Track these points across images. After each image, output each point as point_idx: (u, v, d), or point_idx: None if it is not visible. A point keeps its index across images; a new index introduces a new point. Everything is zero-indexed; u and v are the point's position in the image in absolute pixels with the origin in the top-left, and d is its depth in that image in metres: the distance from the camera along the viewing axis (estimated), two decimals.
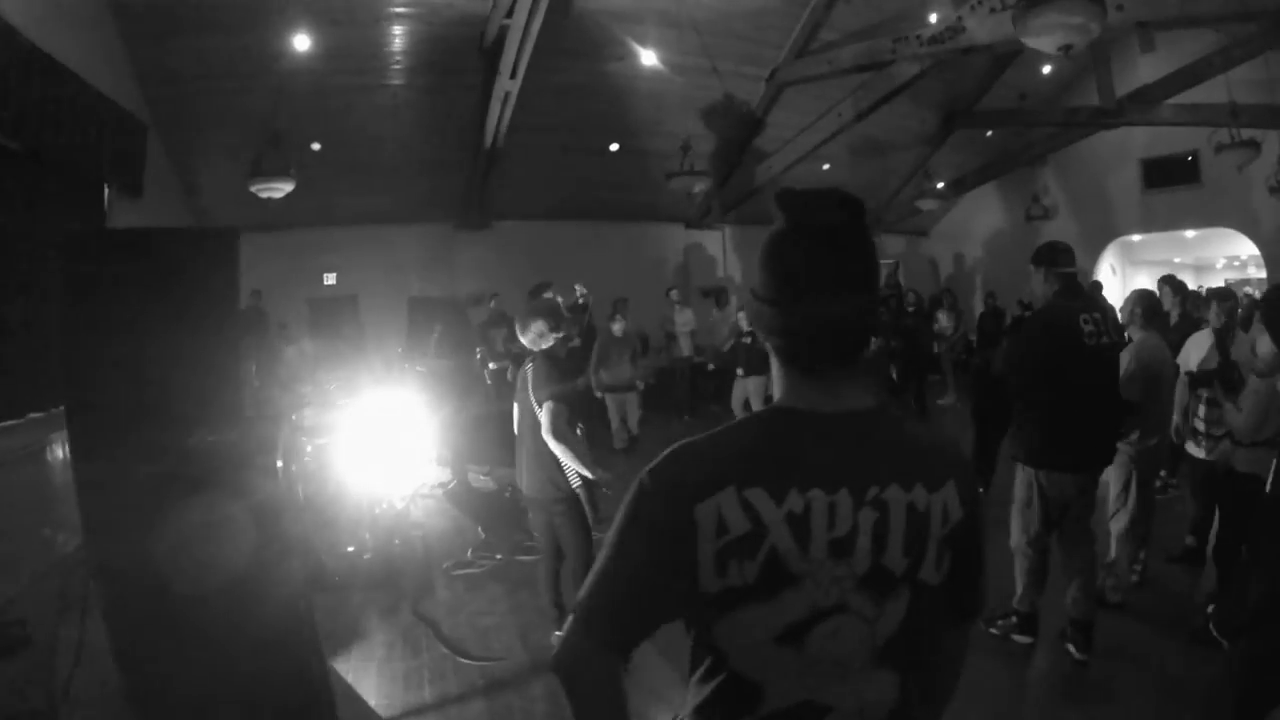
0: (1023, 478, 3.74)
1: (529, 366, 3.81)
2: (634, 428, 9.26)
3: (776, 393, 1.18)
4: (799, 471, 1.07)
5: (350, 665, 3.98)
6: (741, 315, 11.44)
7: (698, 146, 10.08)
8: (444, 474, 7.79)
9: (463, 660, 3.98)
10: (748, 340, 8.98)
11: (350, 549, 5.40)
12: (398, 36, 8.13)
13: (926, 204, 12.14)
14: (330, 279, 10.97)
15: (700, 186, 9.73)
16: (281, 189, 7.77)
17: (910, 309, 11.70)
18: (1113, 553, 4.33)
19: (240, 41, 7.57)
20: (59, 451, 4.92)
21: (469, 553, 5.62)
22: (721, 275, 13.01)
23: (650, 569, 1.09)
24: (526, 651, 4.07)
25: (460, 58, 8.27)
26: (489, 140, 9.01)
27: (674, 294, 10.76)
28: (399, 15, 7.87)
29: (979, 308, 12.65)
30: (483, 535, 6.02)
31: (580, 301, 8.64)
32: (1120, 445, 4.01)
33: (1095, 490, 3.81)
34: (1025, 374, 3.78)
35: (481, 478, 7.94)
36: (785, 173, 10.81)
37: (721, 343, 11.44)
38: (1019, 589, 3.87)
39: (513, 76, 7.83)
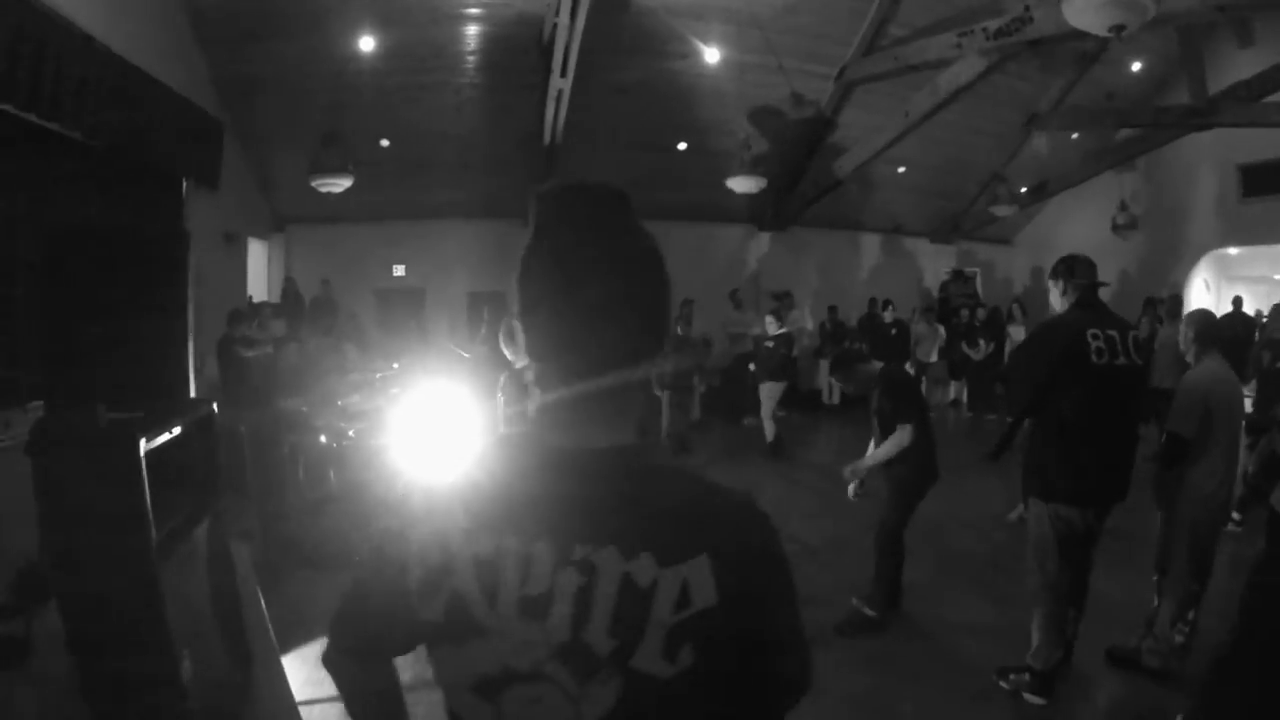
0: (1035, 511, 3.51)
1: None
2: (685, 431, 9.34)
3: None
4: (497, 511, 0.92)
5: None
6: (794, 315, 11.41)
7: (760, 146, 10.02)
8: None
9: None
10: (769, 345, 8.99)
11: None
12: (459, 36, 8.43)
13: (1002, 210, 11.55)
14: (399, 271, 11.51)
15: (759, 186, 9.57)
16: (340, 184, 8.19)
17: (978, 324, 11.33)
18: (1156, 604, 3.73)
19: (308, 44, 8.04)
20: None
21: None
22: (793, 280, 12.79)
23: (378, 586, 1.01)
24: None
25: (519, 56, 8.51)
26: (547, 138, 9.20)
27: (737, 295, 10.70)
28: (460, 16, 8.18)
29: None
30: None
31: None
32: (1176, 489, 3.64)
33: (1098, 530, 3.51)
34: (1025, 394, 3.62)
35: None
36: (856, 173, 10.59)
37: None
38: (1034, 640, 3.50)
39: (563, 75, 8.00)
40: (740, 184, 9.53)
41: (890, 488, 4.39)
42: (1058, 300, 3.59)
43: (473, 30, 8.39)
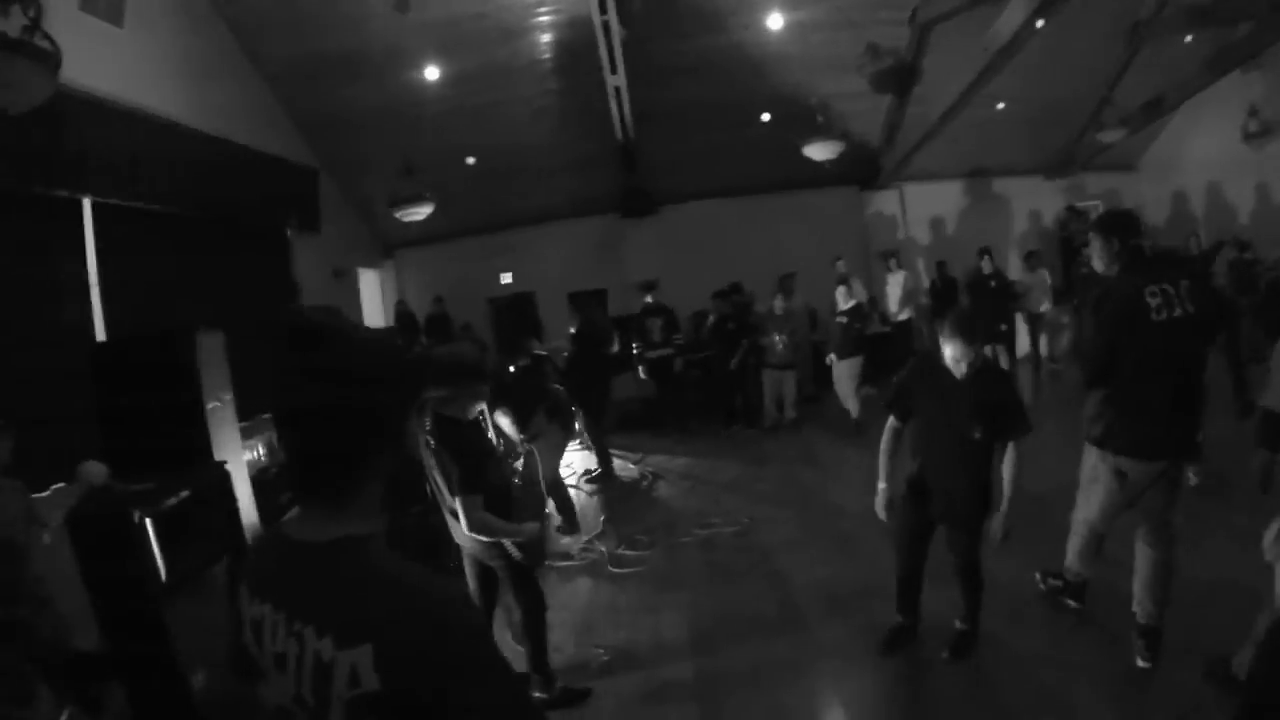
0: (1090, 458, 3.69)
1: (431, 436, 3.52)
2: (790, 410, 9.35)
3: None
4: (262, 581, 1.20)
5: None
6: (903, 278, 11.03)
7: (838, 105, 9.81)
8: (590, 461, 8.36)
9: None
10: (842, 320, 8.79)
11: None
12: (520, 50, 8.80)
13: (1109, 135, 10.46)
14: (506, 278, 12.17)
15: (836, 150, 9.37)
16: (421, 212, 8.84)
17: (1084, 269, 10.43)
18: (1260, 617, 2.98)
19: (381, 81, 8.71)
20: None
21: (575, 545, 6.06)
22: (901, 236, 12.42)
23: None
24: (564, 652, 4.30)
25: (580, 58, 8.75)
26: (619, 134, 9.45)
27: (840, 264, 10.52)
28: (517, 31, 8.53)
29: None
30: (599, 528, 6.46)
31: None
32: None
33: (1175, 487, 3.47)
34: (1094, 352, 3.52)
35: (630, 466, 8.44)
36: (953, 117, 10.11)
37: (899, 309, 11.10)
38: (1068, 556, 3.97)
39: (614, 71, 8.18)
40: (817, 150, 9.35)
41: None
42: (1104, 258, 3.53)
43: (532, 42, 8.74)
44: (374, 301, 11.41)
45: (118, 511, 3.15)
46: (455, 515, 3.39)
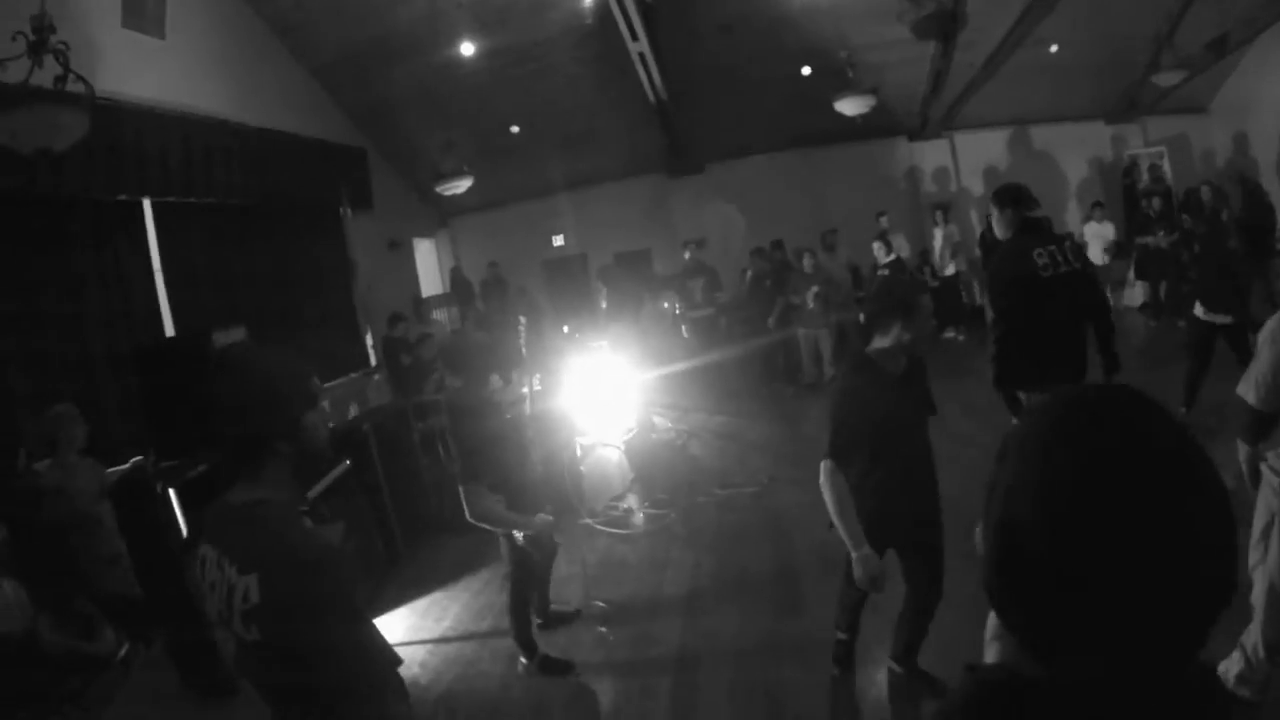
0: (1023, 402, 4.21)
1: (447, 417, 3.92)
2: (829, 367, 9.52)
3: None
4: (207, 530, 1.75)
5: (444, 592, 5.32)
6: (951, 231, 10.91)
7: (879, 55, 9.74)
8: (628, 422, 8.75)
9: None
10: (885, 275, 8.85)
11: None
12: (549, 22, 9.08)
13: (1167, 78, 9.91)
14: (558, 240, 12.74)
15: (869, 105, 9.36)
16: (462, 185, 9.33)
17: (1153, 212, 10.09)
18: (1253, 626, 2.84)
19: (421, 60, 9.18)
20: None
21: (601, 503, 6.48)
22: (954, 188, 12.21)
23: None
24: (569, 604, 4.74)
25: (606, 25, 8.89)
26: (651, 98, 9.71)
27: (883, 220, 10.56)
28: (544, 3, 8.83)
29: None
30: (627, 487, 6.90)
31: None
32: (1262, 468, 2.84)
33: None
34: (997, 306, 4.25)
35: (664, 424, 8.80)
36: (1004, 63, 9.94)
37: (944, 263, 11.08)
38: None
39: (635, 39, 8.45)
40: (849, 105, 9.36)
41: None
42: (1001, 225, 4.23)
43: (562, 11, 8.99)
44: (430, 269, 12.06)
45: (144, 483, 4.03)
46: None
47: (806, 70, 10.44)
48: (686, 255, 10.48)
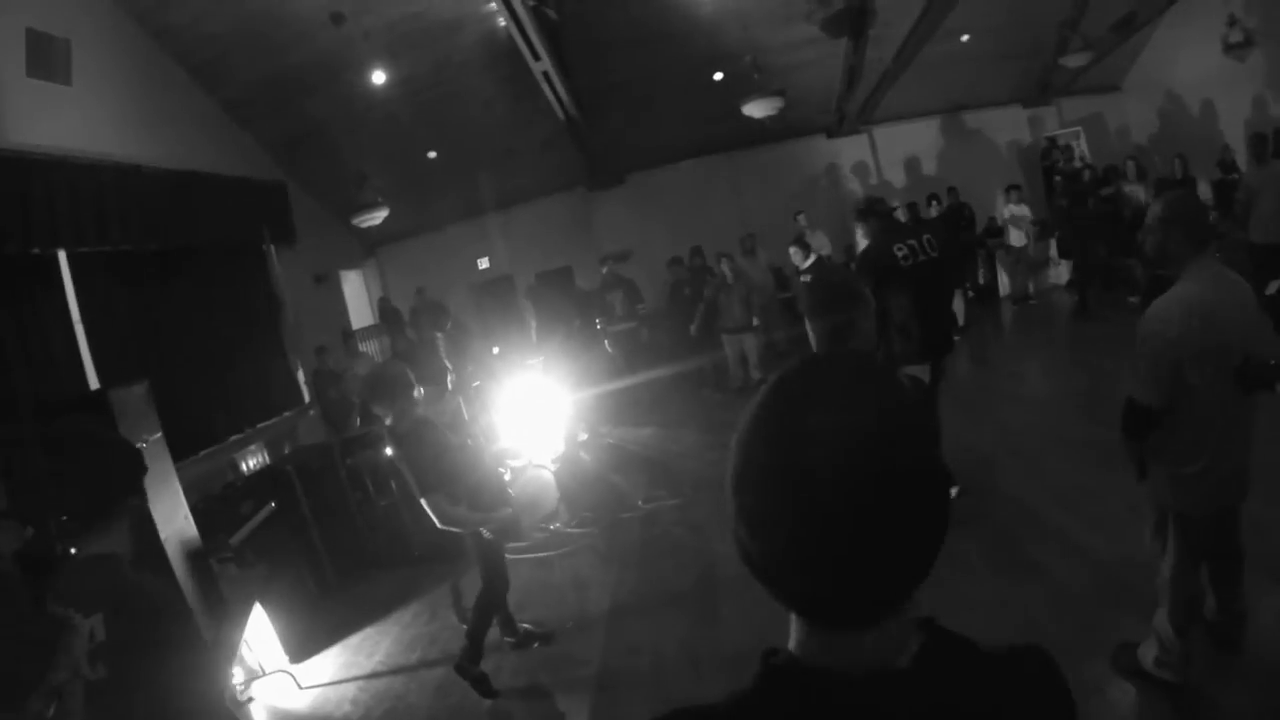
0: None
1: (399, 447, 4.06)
2: (755, 369, 9.82)
3: None
4: (64, 585, 2.04)
5: (375, 627, 5.45)
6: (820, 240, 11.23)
7: (779, 59, 10.05)
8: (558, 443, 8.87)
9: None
10: (806, 279, 9.12)
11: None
12: (457, 46, 9.26)
13: (1074, 60, 10.45)
14: (484, 263, 12.95)
15: (775, 107, 9.64)
16: (378, 215, 9.49)
17: (1061, 201, 10.46)
18: (1160, 610, 3.01)
19: (332, 92, 9.35)
20: None
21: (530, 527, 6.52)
22: (875, 182, 12.67)
23: None
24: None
25: (513, 46, 9.05)
26: (560, 114, 10.00)
27: (801, 218, 10.90)
28: (450, 27, 8.97)
29: (1203, 172, 10.77)
30: (553, 508, 7.07)
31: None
32: (1152, 467, 2.91)
33: (942, 374, 5.16)
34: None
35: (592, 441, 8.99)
36: (916, 55, 10.36)
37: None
38: None
39: (537, 59, 8.71)
40: (756, 108, 9.62)
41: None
42: (865, 233, 5.30)
43: (468, 34, 9.17)
44: (360, 300, 12.16)
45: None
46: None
47: (719, 75, 10.71)
48: (604, 270, 10.66)
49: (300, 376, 9.62)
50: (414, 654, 5.07)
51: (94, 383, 6.96)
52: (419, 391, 4.13)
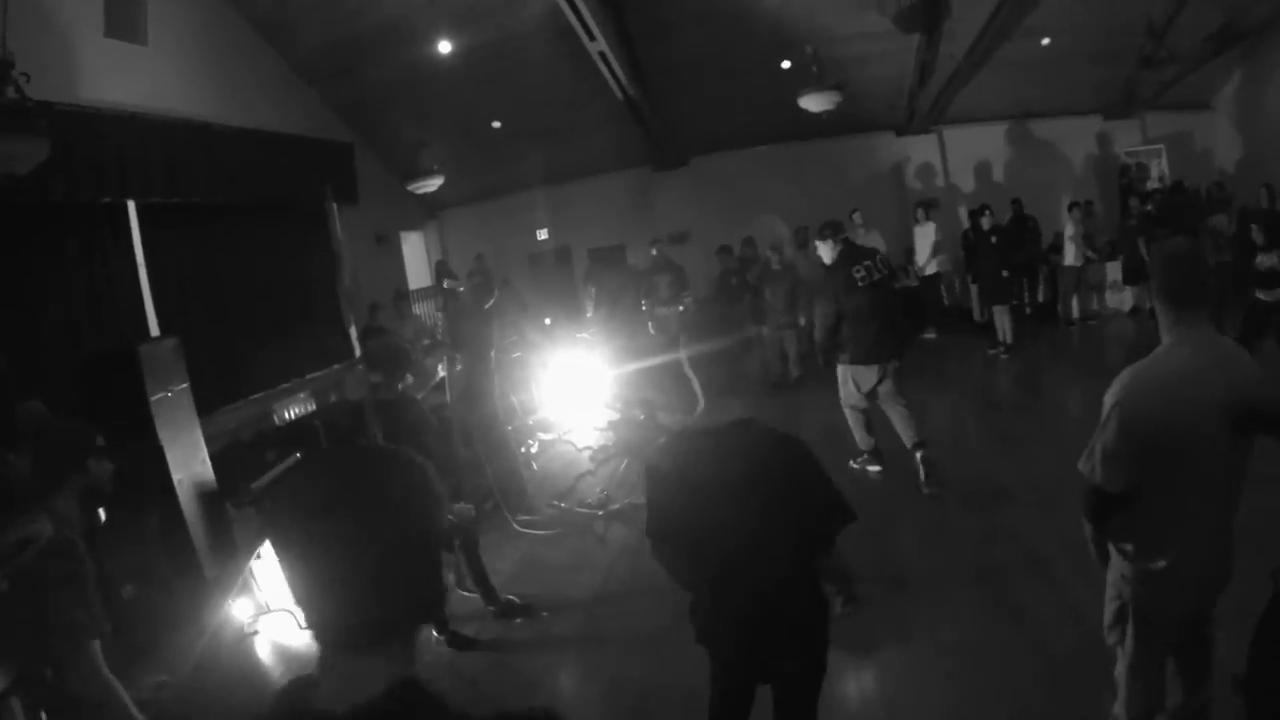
0: (842, 371, 6.25)
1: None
2: (794, 367, 9.90)
3: None
4: None
5: None
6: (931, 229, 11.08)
7: (850, 49, 9.98)
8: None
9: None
10: None
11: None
12: (524, 18, 9.42)
13: (1158, 73, 10.06)
14: (542, 234, 13.27)
15: (833, 101, 9.56)
16: (432, 184, 9.84)
17: (1131, 221, 10.08)
18: (1119, 700, 2.72)
19: (401, 58, 9.64)
20: None
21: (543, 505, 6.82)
22: (942, 184, 12.46)
23: None
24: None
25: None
26: (619, 94, 10.13)
27: (856, 216, 10.84)
28: (508, 1, 9.20)
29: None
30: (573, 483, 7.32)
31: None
32: (1112, 550, 2.61)
33: (892, 376, 6.05)
34: (828, 310, 6.17)
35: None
36: (988, 55, 10.18)
37: (924, 262, 11.29)
38: (857, 437, 6.43)
39: (592, 39, 8.80)
40: (813, 101, 9.56)
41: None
42: (828, 252, 6.15)
43: (532, 11, 9.30)
44: (419, 262, 12.64)
45: None
46: None
47: (786, 64, 10.64)
48: (654, 252, 10.64)
49: (353, 332, 10.10)
50: None
51: (154, 329, 7.56)
52: (409, 377, 4.52)
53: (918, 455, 5.97)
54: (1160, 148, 11.90)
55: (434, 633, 4.70)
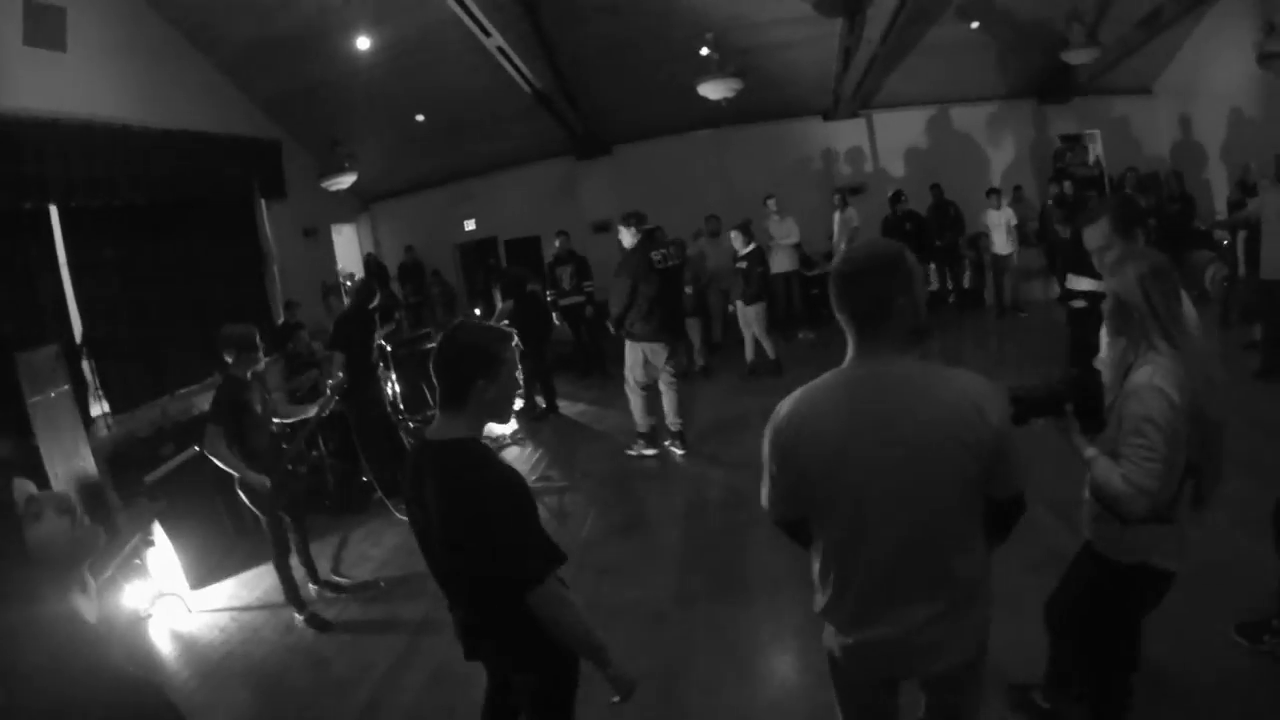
0: (632, 349, 7.35)
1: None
2: (698, 357, 10.37)
3: None
4: None
5: (266, 568, 6.06)
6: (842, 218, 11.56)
7: (760, 36, 10.39)
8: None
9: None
10: (742, 266, 9.44)
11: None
12: (433, 16, 9.54)
13: (1077, 56, 10.26)
14: (470, 225, 13.92)
15: (732, 89, 9.88)
16: (345, 181, 10.47)
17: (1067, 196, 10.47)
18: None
19: (322, 54, 10.11)
20: None
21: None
22: (870, 170, 13.00)
23: None
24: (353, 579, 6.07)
25: (493, 13, 9.39)
26: (525, 88, 10.68)
27: (771, 203, 11.29)
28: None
29: (1224, 188, 10.57)
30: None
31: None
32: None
33: (674, 354, 7.50)
34: (621, 290, 7.22)
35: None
36: (913, 41, 10.64)
37: (839, 249, 11.71)
38: (637, 419, 7.53)
39: (488, 35, 9.31)
40: (711, 89, 9.89)
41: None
42: (629, 238, 7.25)
43: (446, 8, 9.55)
44: (352, 254, 13.28)
45: None
46: None
47: (705, 51, 10.96)
48: (556, 243, 10.93)
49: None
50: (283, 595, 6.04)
51: (78, 332, 7.99)
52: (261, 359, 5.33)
53: (678, 435, 7.50)
54: (1096, 132, 12.28)
55: (296, 615, 5.44)
